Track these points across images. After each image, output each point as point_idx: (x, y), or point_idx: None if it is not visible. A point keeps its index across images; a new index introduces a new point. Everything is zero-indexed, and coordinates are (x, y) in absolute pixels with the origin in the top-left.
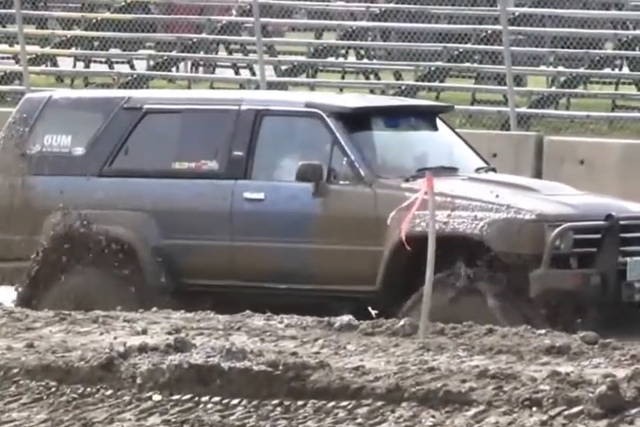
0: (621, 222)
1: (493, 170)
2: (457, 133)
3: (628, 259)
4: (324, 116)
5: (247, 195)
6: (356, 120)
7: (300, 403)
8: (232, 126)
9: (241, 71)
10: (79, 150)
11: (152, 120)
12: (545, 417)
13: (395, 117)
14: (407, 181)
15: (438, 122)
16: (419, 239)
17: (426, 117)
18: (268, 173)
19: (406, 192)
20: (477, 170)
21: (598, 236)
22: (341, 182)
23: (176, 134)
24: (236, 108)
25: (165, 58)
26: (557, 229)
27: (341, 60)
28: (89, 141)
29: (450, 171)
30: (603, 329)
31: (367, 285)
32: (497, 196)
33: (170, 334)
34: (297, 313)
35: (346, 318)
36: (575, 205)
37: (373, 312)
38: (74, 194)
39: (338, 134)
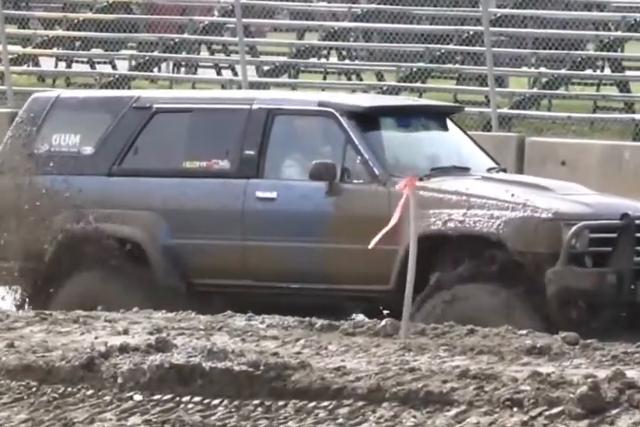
0: (637, 222)
1: (504, 170)
2: (467, 134)
3: None
4: (338, 115)
5: (259, 194)
6: (370, 119)
7: (281, 403)
8: (244, 125)
9: (223, 72)
10: (88, 150)
11: (162, 119)
12: (526, 417)
13: (407, 117)
14: (421, 180)
15: (449, 122)
16: (434, 238)
17: (437, 118)
18: (281, 172)
19: (420, 191)
20: (489, 170)
21: (614, 235)
22: (355, 181)
23: (186, 134)
24: (248, 107)
25: (147, 58)
26: (574, 228)
27: (323, 60)
28: (98, 141)
29: (463, 170)
30: (615, 330)
31: (381, 284)
32: (512, 195)
33: (151, 334)
34: (309, 313)
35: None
36: (591, 205)
37: (385, 312)
38: (83, 193)
39: (351, 133)
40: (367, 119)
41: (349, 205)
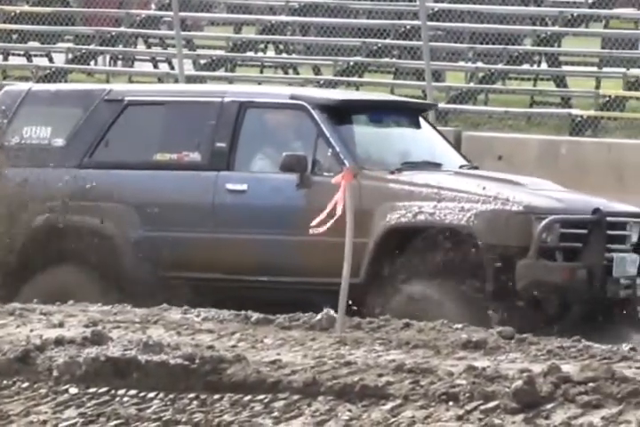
0: (608, 218)
1: (476, 168)
2: (439, 132)
3: (614, 255)
4: (310, 108)
5: (230, 186)
6: (341, 113)
7: (216, 397)
8: (215, 118)
9: (159, 65)
10: (59, 142)
11: (133, 112)
12: (461, 412)
13: (379, 112)
14: (392, 173)
15: (421, 120)
16: (405, 231)
17: (410, 114)
18: (251, 164)
19: (391, 183)
20: (461, 167)
21: (585, 230)
22: (325, 174)
23: (158, 126)
24: (220, 100)
25: (84, 51)
26: (545, 222)
27: (260, 54)
28: (69, 133)
29: (434, 166)
30: (584, 326)
31: (351, 277)
32: (484, 188)
33: (87, 326)
34: (281, 307)
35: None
36: (562, 200)
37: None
38: (53, 186)
39: (323, 126)
40: (339, 113)
41: (320, 197)
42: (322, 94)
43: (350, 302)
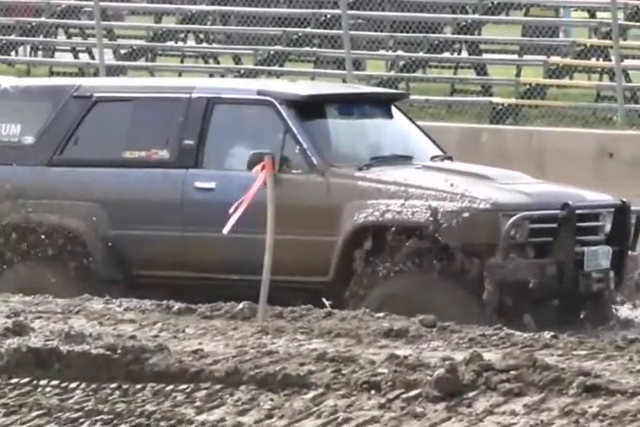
0: (578, 211)
1: (449, 158)
2: (413, 121)
3: (585, 249)
4: (277, 103)
5: (198, 184)
6: (309, 108)
7: (138, 386)
8: (183, 115)
9: (80, 55)
10: (29, 139)
11: (102, 109)
12: (383, 400)
13: (349, 105)
14: (360, 169)
15: (393, 110)
16: (372, 229)
17: (380, 105)
18: (220, 162)
19: (359, 181)
20: (433, 158)
21: (554, 225)
22: (294, 171)
23: (127, 123)
24: (187, 96)
25: (4, 42)
26: (512, 219)
27: (181, 44)
28: (38, 131)
29: (404, 159)
30: (559, 320)
31: (320, 275)
32: (452, 184)
33: (8, 317)
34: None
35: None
36: (531, 194)
37: (327, 303)
38: (23, 184)
39: (290, 123)
40: (307, 108)
41: (288, 195)
42: (289, 89)
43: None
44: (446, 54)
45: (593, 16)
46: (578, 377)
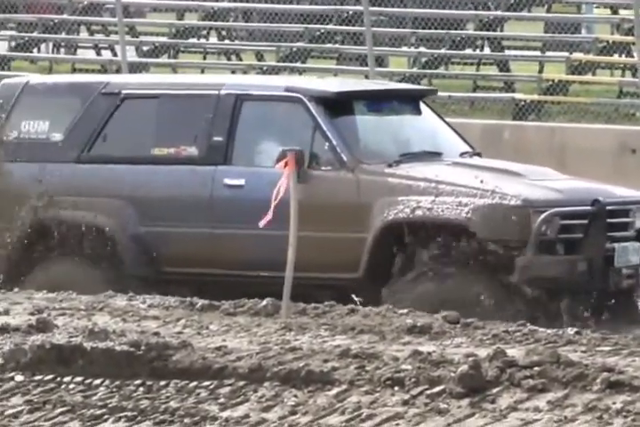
0: (608, 208)
1: (478, 154)
2: (441, 118)
3: (616, 245)
4: (305, 100)
5: (227, 181)
6: (338, 105)
7: (162, 383)
8: (212, 111)
9: (102, 52)
10: (57, 136)
11: (131, 105)
12: (407, 396)
13: (377, 102)
14: (390, 166)
15: (422, 106)
16: (403, 226)
17: (409, 101)
18: (249, 158)
19: (389, 178)
20: (462, 154)
21: (585, 221)
22: (323, 168)
23: (155, 120)
24: (216, 92)
25: (27, 39)
26: (543, 215)
27: (203, 40)
28: (67, 127)
29: (434, 155)
30: (589, 317)
31: (350, 272)
32: (482, 181)
33: (32, 314)
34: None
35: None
36: (561, 191)
37: (357, 300)
38: (51, 181)
39: (319, 119)
40: (336, 104)
41: (318, 192)
42: (318, 86)
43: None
44: (469, 51)
45: (615, 12)
46: (601, 373)
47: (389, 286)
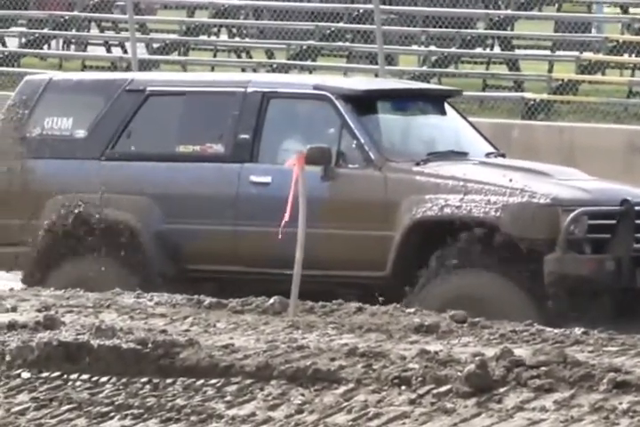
0: (637, 208)
1: (503, 155)
2: (466, 118)
3: None
4: (333, 98)
5: (253, 178)
6: (366, 103)
7: (169, 381)
8: (238, 109)
9: (113, 49)
10: (81, 133)
11: (155, 103)
12: (414, 395)
13: (404, 101)
14: (418, 164)
15: (447, 106)
16: (431, 224)
17: (435, 101)
18: (275, 156)
19: (417, 176)
20: (487, 155)
21: (613, 221)
22: (350, 166)
23: (180, 117)
24: (243, 90)
25: (37, 35)
26: (572, 214)
27: (213, 38)
28: (91, 124)
29: (460, 155)
30: (616, 317)
31: (377, 270)
32: (510, 180)
33: (39, 311)
34: (303, 299)
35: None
36: (590, 190)
37: (380, 299)
38: (75, 178)
39: (347, 117)
40: (363, 103)
41: (345, 189)
42: (346, 84)
43: (377, 295)
44: (479, 50)
45: (626, 12)
46: (608, 373)
47: (418, 284)
